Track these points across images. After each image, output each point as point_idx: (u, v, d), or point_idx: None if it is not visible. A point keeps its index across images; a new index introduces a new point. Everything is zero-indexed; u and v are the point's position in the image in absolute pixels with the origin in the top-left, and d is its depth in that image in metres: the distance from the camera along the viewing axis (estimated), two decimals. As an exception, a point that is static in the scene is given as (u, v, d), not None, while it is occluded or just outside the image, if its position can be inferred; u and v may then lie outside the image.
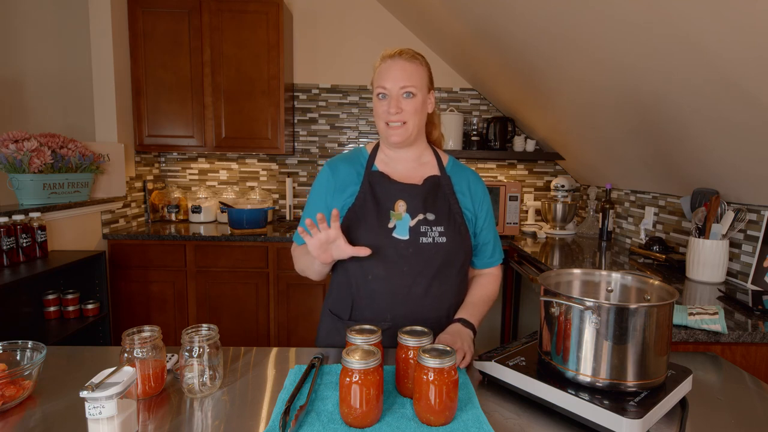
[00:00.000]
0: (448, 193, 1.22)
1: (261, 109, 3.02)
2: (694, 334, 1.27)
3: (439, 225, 1.17)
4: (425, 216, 1.17)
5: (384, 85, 1.16)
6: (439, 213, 1.19)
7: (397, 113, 1.16)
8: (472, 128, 3.40)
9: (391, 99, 1.16)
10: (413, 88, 1.16)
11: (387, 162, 1.26)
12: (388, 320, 1.16)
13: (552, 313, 0.86)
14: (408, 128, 1.18)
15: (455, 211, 1.21)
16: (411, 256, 1.14)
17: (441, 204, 1.20)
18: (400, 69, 1.16)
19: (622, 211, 2.81)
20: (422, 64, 1.20)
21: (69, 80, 3.21)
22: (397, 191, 1.19)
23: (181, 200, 3.29)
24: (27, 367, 0.85)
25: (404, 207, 1.17)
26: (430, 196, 1.20)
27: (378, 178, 1.21)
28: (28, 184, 2.27)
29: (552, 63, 2.18)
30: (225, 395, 0.90)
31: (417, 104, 1.17)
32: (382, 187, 1.20)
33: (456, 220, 1.20)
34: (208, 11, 2.92)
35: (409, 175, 1.23)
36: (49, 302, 2.27)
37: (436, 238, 1.16)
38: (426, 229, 1.16)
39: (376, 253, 1.13)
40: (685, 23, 1.33)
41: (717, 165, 1.82)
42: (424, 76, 1.19)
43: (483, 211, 1.27)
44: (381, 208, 1.17)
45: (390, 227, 1.15)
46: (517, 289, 2.76)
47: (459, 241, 1.19)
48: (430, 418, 0.78)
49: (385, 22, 3.32)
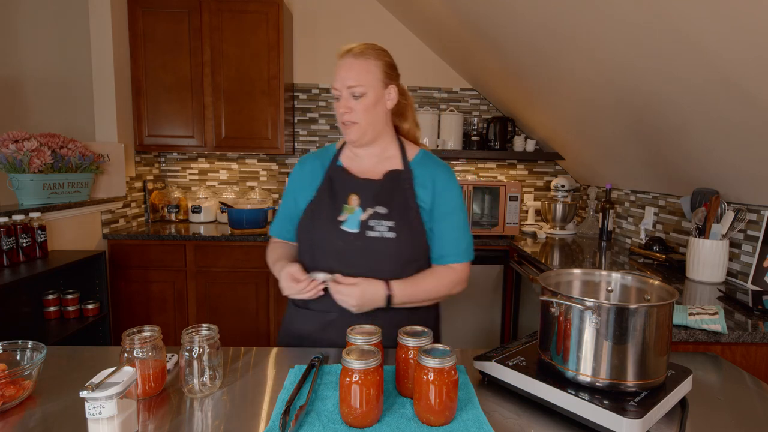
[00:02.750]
0: (406, 188, 1.20)
1: (261, 109, 3.02)
2: (694, 334, 1.27)
3: (390, 220, 1.16)
4: (375, 210, 1.16)
5: (334, 85, 1.17)
6: (393, 207, 1.17)
7: (346, 113, 1.16)
8: (472, 128, 3.40)
9: (341, 99, 1.17)
10: (361, 87, 1.14)
11: (352, 158, 1.27)
12: (336, 311, 1.16)
13: (552, 313, 0.86)
14: (361, 127, 1.18)
15: (411, 207, 1.18)
16: (359, 250, 1.14)
17: (397, 198, 1.18)
18: (347, 68, 1.15)
19: (622, 211, 2.81)
20: (374, 58, 1.16)
21: (69, 80, 3.21)
22: (353, 186, 1.20)
23: (181, 200, 3.29)
24: (27, 367, 0.85)
25: (357, 201, 1.18)
26: (386, 191, 1.19)
27: (338, 173, 1.23)
28: (28, 184, 2.27)
29: (552, 62, 2.18)
30: (225, 395, 0.90)
31: (367, 103, 1.16)
32: (340, 181, 1.22)
33: (410, 215, 1.18)
34: (208, 11, 2.92)
35: (371, 170, 1.24)
36: (49, 302, 2.27)
37: (385, 233, 1.15)
38: (375, 223, 1.15)
39: (325, 244, 1.16)
40: (685, 23, 1.33)
41: (717, 165, 1.82)
42: (376, 72, 1.16)
43: (442, 204, 1.21)
44: (336, 202, 1.19)
45: (341, 220, 1.16)
46: (517, 289, 2.76)
47: (410, 236, 1.16)
48: (430, 418, 0.78)
49: (385, 22, 3.32)
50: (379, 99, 1.18)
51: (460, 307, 2.86)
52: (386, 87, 1.19)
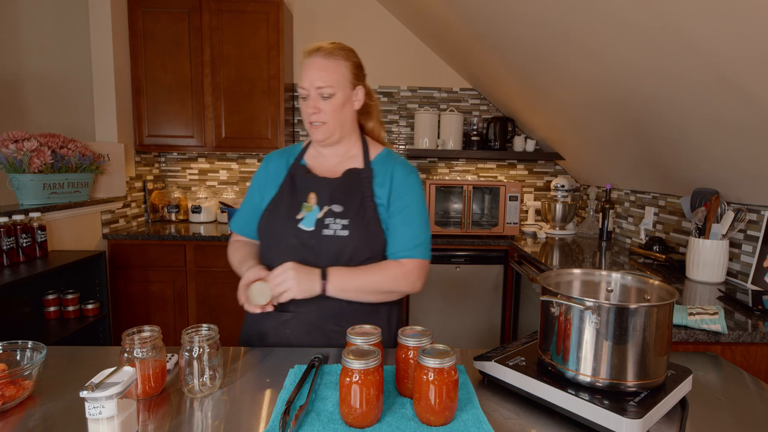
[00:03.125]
0: (365, 186, 1.20)
1: (261, 108, 3.02)
2: (694, 334, 1.27)
3: (344, 218, 1.15)
4: (331, 208, 1.16)
5: (302, 85, 1.16)
6: (349, 206, 1.17)
7: (315, 113, 1.16)
8: (472, 128, 3.40)
9: (309, 99, 1.16)
10: (330, 88, 1.14)
11: (316, 156, 1.27)
12: (291, 310, 1.16)
13: (552, 313, 0.86)
14: (329, 127, 1.18)
15: (368, 206, 1.18)
16: (314, 248, 1.14)
17: (354, 197, 1.18)
18: (316, 68, 1.14)
19: (622, 211, 2.81)
20: (343, 59, 1.16)
21: (69, 80, 3.21)
22: (312, 184, 1.20)
23: (181, 200, 3.29)
24: (27, 367, 0.85)
25: (315, 199, 1.18)
26: (343, 189, 1.19)
27: (299, 171, 1.23)
28: (28, 184, 2.27)
29: (551, 62, 2.18)
30: (225, 395, 0.90)
31: (336, 104, 1.16)
32: (300, 180, 1.22)
33: (366, 214, 1.17)
34: (208, 11, 2.92)
35: (333, 170, 1.24)
36: (49, 302, 2.27)
37: (338, 231, 1.14)
38: (330, 221, 1.15)
39: (282, 242, 1.16)
40: (685, 23, 1.33)
41: (717, 165, 1.82)
42: (345, 73, 1.16)
43: (397, 200, 1.19)
44: (296, 200, 1.19)
45: (298, 218, 1.17)
46: (517, 289, 2.76)
47: (364, 234, 1.15)
48: (430, 418, 0.78)
49: (385, 22, 3.32)
50: (347, 100, 1.18)
51: (460, 307, 2.86)
52: (354, 88, 1.19)
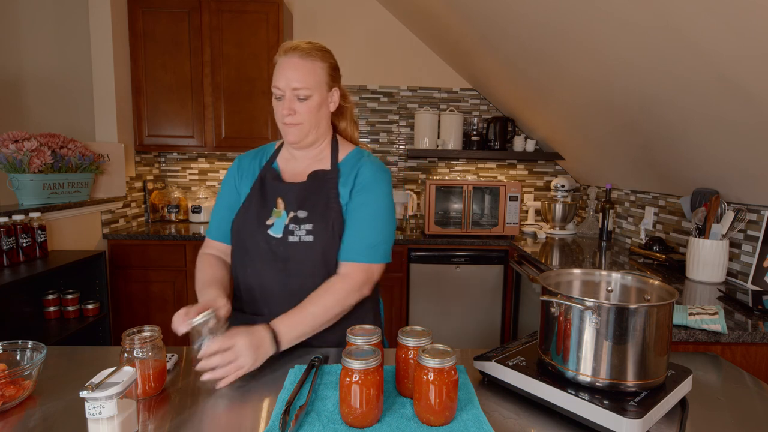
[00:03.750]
0: (329, 188, 1.17)
1: (261, 109, 3.02)
2: (694, 334, 1.27)
3: (308, 223, 1.13)
4: (296, 214, 1.15)
5: (277, 85, 1.13)
6: (313, 210, 1.15)
7: (290, 115, 1.13)
8: (472, 128, 3.40)
9: (284, 100, 1.13)
10: (307, 90, 1.11)
11: (289, 159, 1.25)
12: (266, 315, 1.13)
13: (552, 313, 0.86)
14: (303, 129, 1.15)
15: (332, 208, 1.15)
16: (283, 254, 1.13)
17: (318, 201, 1.16)
18: (293, 68, 1.11)
19: (622, 211, 2.81)
20: (320, 60, 1.13)
21: (69, 80, 3.21)
22: (279, 190, 1.18)
23: (181, 200, 3.29)
24: (27, 367, 0.85)
25: (283, 205, 1.17)
26: (309, 193, 1.17)
27: (269, 175, 1.21)
28: (28, 184, 2.27)
29: (551, 62, 2.18)
30: (225, 395, 0.90)
31: (312, 106, 1.13)
32: (269, 184, 1.20)
33: (330, 216, 1.14)
34: (208, 11, 2.92)
35: (303, 173, 1.21)
36: (49, 302, 2.27)
37: (303, 237, 1.13)
38: (294, 227, 1.14)
39: (252, 247, 1.15)
40: (685, 23, 1.33)
41: (717, 165, 1.82)
42: (321, 74, 1.13)
43: (356, 197, 1.16)
44: (266, 205, 1.17)
45: (268, 224, 1.15)
46: (517, 289, 2.76)
47: (329, 238, 1.13)
48: (430, 418, 0.78)
49: (385, 22, 3.32)
50: (323, 102, 1.16)
51: (460, 307, 2.86)
52: (330, 90, 1.17)
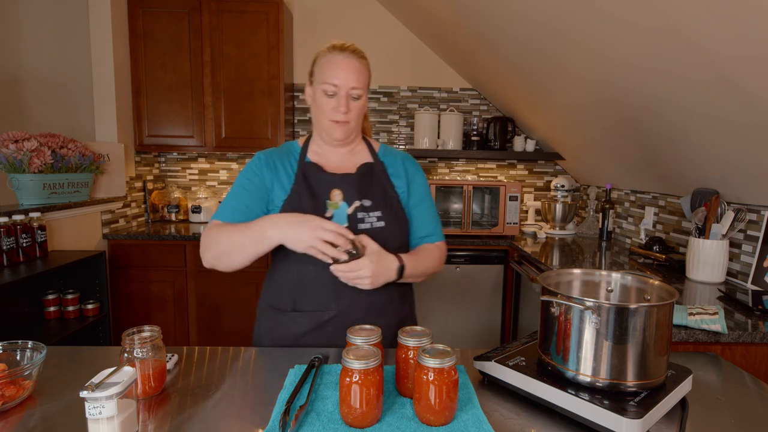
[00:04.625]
0: (382, 178, 1.24)
1: (261, 108, 3.02)
2: (694, 334, 1.27)
3: (376, 210, 1.18)
4: (362, 203, 1.17)
5: (334, 81, 1.14)
6: (375, 198, 1.20)
7: (346, 113, 1.16)
8: (472, 128, 3.40)
9: (340, 98, 1.15)
10: (361, 90, 1.17)
11: (320, 154, 1.26)
12: (333, 309, 1.15)
13: (552, 313, 0.86)
14: (350, 127, 1.19)
15: (391, 195, 1.22)
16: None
17: (376, 189, 1.21)
18: (351, 68, 1.15)
19: (622, 211, 2.81)
20: (368, 64, 1.21)
21: (69, 80, 3.21)
22: (332, 181, 1.20)
23: (181, 200, 3.29)
24: (27, 367, 0.85)
25: (340, 196, 1.18)
26: (365, 183, 1.21)
27: (311, 169, 1.21)
28: (28, 184, 2.27)
29: (551, 62, 2.18)
30: (225, 395, 0.90)
31: (362, 105, 1.19)
32: (315, 178, 1.20)
33: (393, 204, 1.21)
34: (208, 11, 2.92)
35: (342, 165, 1.24)
36: (49, 302, 2.27)
37: (374, 224, 1.16)
38: (363, 215, 1.16)
39: None
40: (685, 23, 1.33)
41: (717, 165, 1.82)
42: (368, 77, 1.21)
43: (416, 189, 1.27)
44: (317, 199, 1.17)
45: (328, 216, 1.15)
46: (517, 289, 2.76)
47: (397, 224, 1.20)
48: (430, 418, 0.78)
49: (385, 22, 3.32)
50: (366, 102, 1.22)
51: (460, 307, 2.86)
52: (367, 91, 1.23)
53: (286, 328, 1.19)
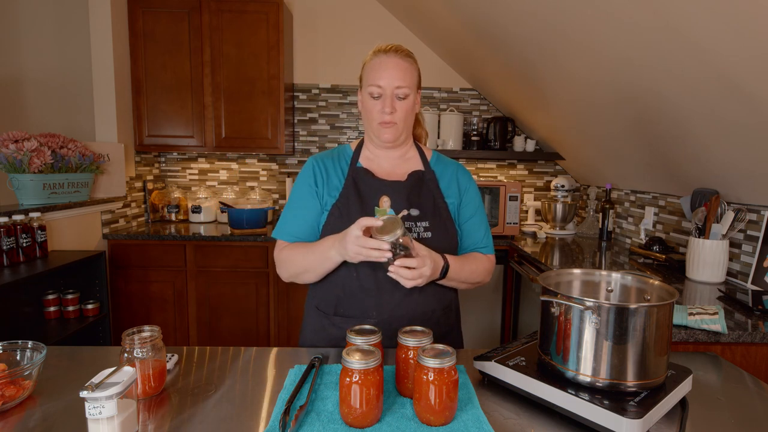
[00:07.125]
0: (432, 188, 1.22)
1: (261, 109, 3.02)
2: (694, 334, 1.27)
3: (423, 220, 1.17)
4: (409, 212, 1.16)
5: (378, 83, 1.14)
6: (424, 208, 1.18)
7: (391, 113, 1.15)
8: (472, 128, 3.40)
9: (385, 98, 1.15)
10: (407, 89, 1.15)
11: (372, 159, 1.25)
12: (374, 316, 1.15)
13: (552, 313, 0.86)
14: (398, 128, 1.18)
15: (440, 206, 1.21)
16: None
17: (426, 199, 1.20)
18: (395, 67, 1.14)
19: (622, 211, 2.81)
20: (414, 63, 1.19)
21: (69, 80, 3.21)
22: (381, 187, 1.19)
23: (181, 200, 3.29)
24: (27, 367, 0.85)
25: (389, 203, 1.17)
26: (415, 192, 1.20)
27: (362, 175, 1.21)
28: (28, 184, 2.27)
29: (551, 62, 2.18)
30: (225, 395, 0.90)
31: (409, 105, 1.17)
32: (365, 183, 1.20)
33: (441, 214, 1.20)
34: (208, 11, 2.92)
35: (393, 171, 1.23)
36: (49, 302, 2.27)
37: (422, 233, 1.15)
38: (411, 224, 1.16)
39: None
40: (685, 22, 1.33)
41: (717, 165, 1.82)
42: (415, 76, 1.18)
43: (469, 202, 1.26)
44: (365, 204, 1.17)
45: None
46: (517, 289, 2.76)
47: (444, 235, 1.18)
48: (430, 418, 0.78)
49: (385, 22, 3.32)
50: (415, 102, 1.20)
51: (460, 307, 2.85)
52: (418, 91, 1.21)
53: (328, 330, 1.20)
